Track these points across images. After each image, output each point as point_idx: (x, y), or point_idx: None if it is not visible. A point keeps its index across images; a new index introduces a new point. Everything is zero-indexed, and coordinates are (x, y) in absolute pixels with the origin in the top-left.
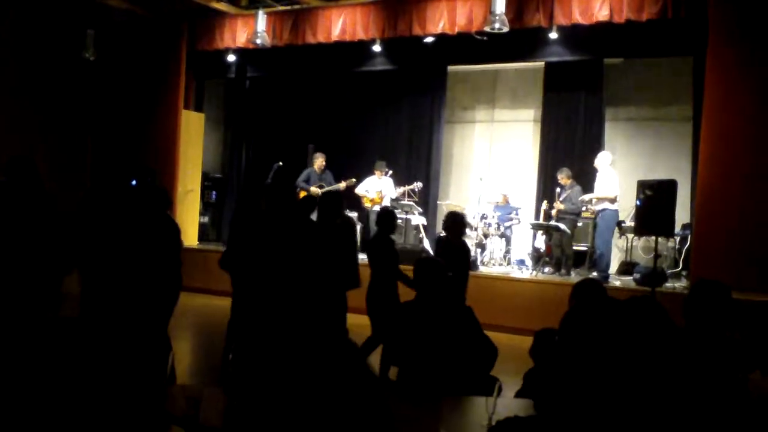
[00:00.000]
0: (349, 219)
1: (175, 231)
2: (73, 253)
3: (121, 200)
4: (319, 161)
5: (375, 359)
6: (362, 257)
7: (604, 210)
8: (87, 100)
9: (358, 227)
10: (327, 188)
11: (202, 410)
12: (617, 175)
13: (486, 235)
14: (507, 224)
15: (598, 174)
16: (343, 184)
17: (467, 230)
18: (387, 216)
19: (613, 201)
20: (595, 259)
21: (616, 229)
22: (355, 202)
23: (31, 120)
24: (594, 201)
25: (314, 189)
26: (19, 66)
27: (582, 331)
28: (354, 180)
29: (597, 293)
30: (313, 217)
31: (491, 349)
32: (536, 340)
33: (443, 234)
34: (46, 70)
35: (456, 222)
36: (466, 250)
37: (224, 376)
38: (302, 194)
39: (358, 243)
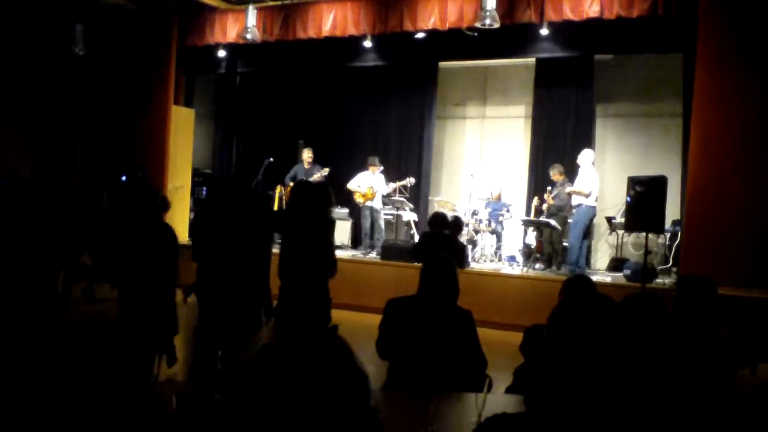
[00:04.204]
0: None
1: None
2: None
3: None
4: (306, 155)
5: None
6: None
7: (579, 205)
8: (76, 95)
9: (349, 223)
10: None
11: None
12: (597, 174)
13: (477, 232)
14: (498, 216)
15: (579, 170)
16: (317, 175)
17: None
18: None
19: (587, 196)
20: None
21: (607, 226)
22: (347, 198)
23: (19, 115)
24: (572, 194)
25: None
26: (7, 60)
27: (569, 326)
28: (326, 170)
29: (586, 289)
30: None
31: (480, 360)
32: (526, 336)
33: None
34: (35, 65)
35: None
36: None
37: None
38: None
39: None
